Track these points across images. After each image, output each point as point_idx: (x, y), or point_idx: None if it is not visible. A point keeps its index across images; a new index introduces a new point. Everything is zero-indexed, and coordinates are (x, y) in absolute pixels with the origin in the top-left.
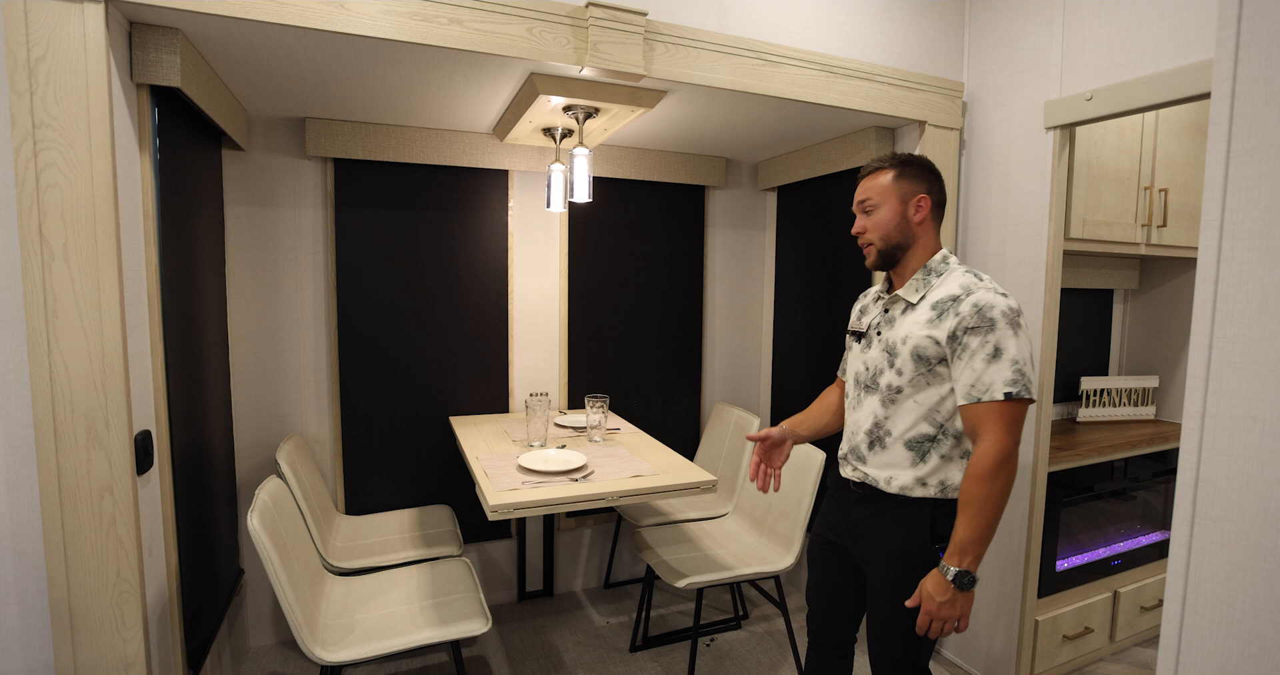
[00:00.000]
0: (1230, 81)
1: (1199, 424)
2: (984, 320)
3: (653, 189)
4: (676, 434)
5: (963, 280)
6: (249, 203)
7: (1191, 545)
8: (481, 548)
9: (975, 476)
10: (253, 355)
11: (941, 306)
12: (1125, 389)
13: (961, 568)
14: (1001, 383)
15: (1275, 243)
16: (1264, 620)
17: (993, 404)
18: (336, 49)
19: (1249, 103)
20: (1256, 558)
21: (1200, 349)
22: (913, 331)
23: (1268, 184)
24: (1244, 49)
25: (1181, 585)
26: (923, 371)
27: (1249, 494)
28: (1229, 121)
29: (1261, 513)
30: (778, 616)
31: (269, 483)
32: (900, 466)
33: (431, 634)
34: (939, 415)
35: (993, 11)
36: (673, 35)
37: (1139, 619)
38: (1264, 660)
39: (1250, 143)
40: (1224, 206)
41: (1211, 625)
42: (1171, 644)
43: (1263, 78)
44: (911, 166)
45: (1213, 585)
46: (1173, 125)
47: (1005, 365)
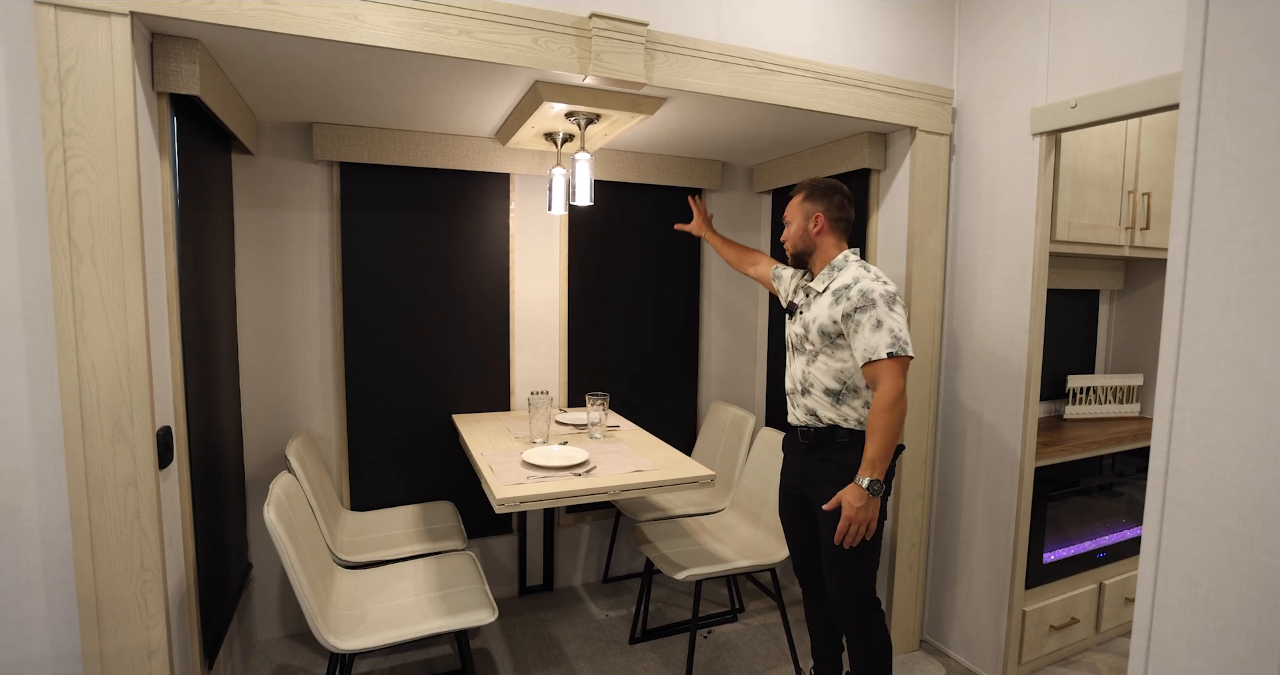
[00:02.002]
0: (1196, 98)
1: (1169, 417)
2: (867, 301)
3: (650, 192)
4: (673, 431)
5: (855, 273)
6: (258, 206)
7: (1162, 529)
8: (483, 543)
9: (878, 410)
10: (261, 354)
11: (838, 294)
12: (1111, 387)
13: (873, 478)
14: (884, 346)
15: (1237, 247)
16: (1227, 597)
17: (881, 361)
18: (348, 58)
19: (1213, 117)
20: (1220, 539)
21: (1170, 347)
22: (819, 314)
23: (1230, 193)
24: (1209, 69)
25: (1153, 567)
26: (827, 343)
27: (1214, 480)
28: (1195, 135)
29: (1225, 497)
30: (772, 610)
31: (281, 478)
32: (824, 405)
33: (440, 623)
34: (842, 375)
35: (981, 21)
36: (672, 45)
37: (1123, 610)
38: (1228, 635)
39: (1214, 154)
40: (1191, 214)
41: (1180, 603)
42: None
43: (1225, 95)
44: (816, 191)
45: (1181, 566)
46: (1155, 131)
47: (885, 333)
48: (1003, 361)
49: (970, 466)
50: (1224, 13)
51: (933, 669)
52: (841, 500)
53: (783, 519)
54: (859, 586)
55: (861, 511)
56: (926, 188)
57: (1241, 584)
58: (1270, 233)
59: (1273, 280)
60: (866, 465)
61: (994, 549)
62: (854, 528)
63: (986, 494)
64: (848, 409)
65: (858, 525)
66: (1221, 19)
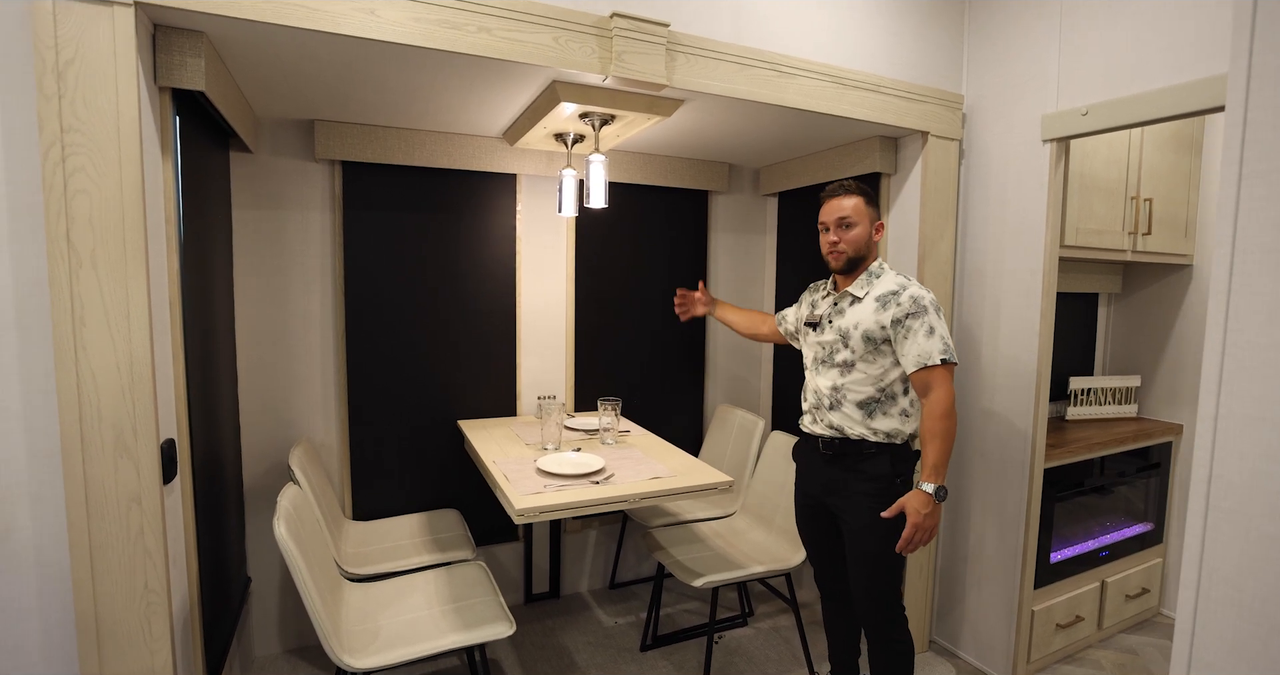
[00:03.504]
0: (1242, 109)
1: (1212, 425)
2: (919, 308)
3: (657, 193)
4: (680, 435)
5: (898, 280)
6: (257, 206)
7: (1205, 536)
8: (488, 551)
9: (936, 416)
10: (260, 359)
11: (884, 300)
12: (1110, 388)
13: (939, 484)
14: (938, 352)
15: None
16: (1273, 603)
17: (935, 368)
18: (361, 54)
19: (1260, 129)
20: (1266, 546)
21: (1214, 355)
22: (862, 319)
23: (1275, 205)
24: (1254, 80)
25: (1196, 573)
26: (870, 350)
27: (1258, 488)
28: (1240, 146)
29: (1271, 505)
30: (783, 613)
31: (289, 490)
32: (854, 421)
33: (457, 638)
34: (881, 382)
35: (991, 27)
36: (693, 46)
37: (1124, 607)
38: (1272, 642)
39: (1260, 166)
40: (1235, 224)
41: (1223, 609)
42: (1186, 628)
43: (1273, 105)
44: (871, 196)
45: (1225, 572)
46: (1156, 138)
47: (938, 340)
48: (1013, 364)
49: (980, 468)
50: (1271, 24)
51: (943, 670)
52: (905, 507)
53: (800, 526)
54: (889, 592)
55: (928, 518)
56: (938, 192)
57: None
58: None
59: None
60: (930, 471)
61: (1004, 550)
62: (919, 534)
63: (996, 495)
64: (879, 421)
65: (923, 532)
66: (1268, 30)
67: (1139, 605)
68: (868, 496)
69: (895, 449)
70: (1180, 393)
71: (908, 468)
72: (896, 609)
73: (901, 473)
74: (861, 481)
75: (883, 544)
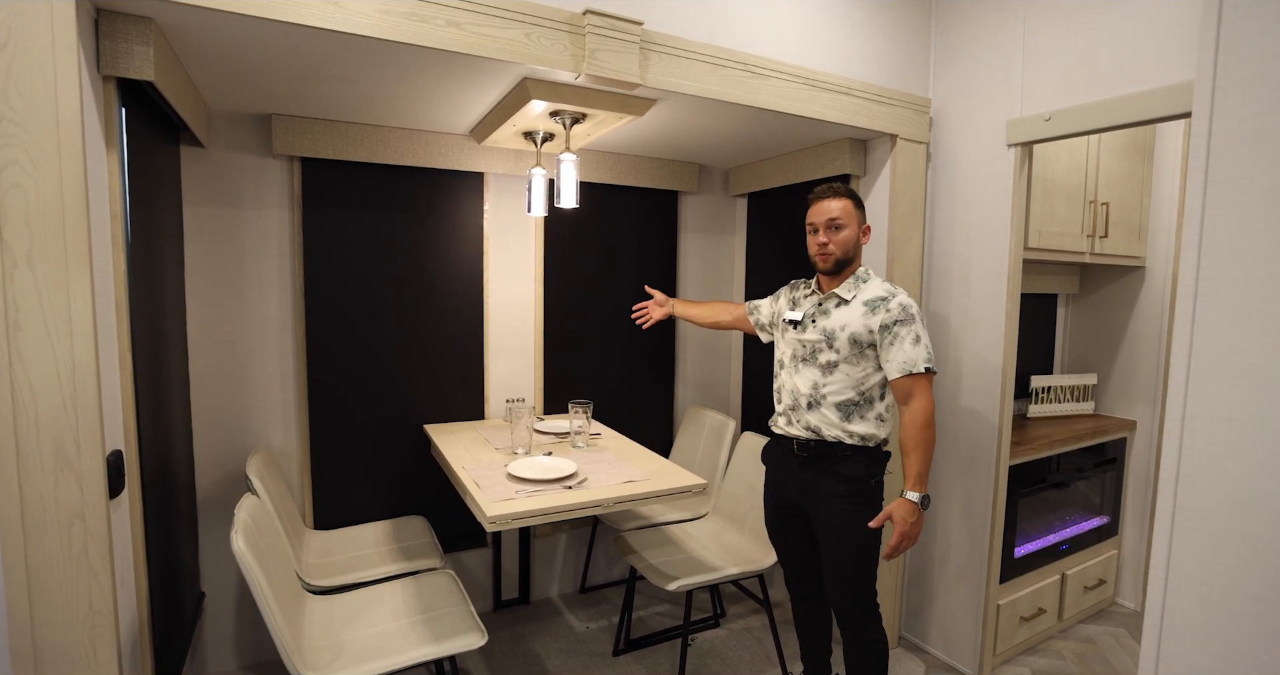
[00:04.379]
0: (1208, 120)
1: (1179, 426)
2: (908, 315)
3: (627, 193)
4: (650, 437)
5: (885, 286)
6: (209, 203)
7: (1173, 533)
8: (455, 558)
9: (919, 425)
10: (214, 364)
11: (873, 305)
12: (1069, 386)
13: (923, 493)
14: (922, 360)
15: (1244, 262)
16: (1238, 596)
17: (919, 376)
18: (323, 46)
19: (1224, 139)
20: (1231, 541)
21: (1181, 357)
22: (850, 321)
23: (1238, 211)
24: (1220, 91)
25: (1164, 570)
26: (855, 352)
27: (1223, 486)
28: (1206, 155)
29: (1235, 502)
30: (754, 613)
31: (246, 501)
32: (831, 422)
33: (427, 651)
34: (862, 386)
35: (956, 33)
36: (667, 45)
37: (1083, 598)
38: (1236, 632)
39: (1225, 174)
40: (1201, 230)
41: (1189, 603)
42: (1155, 622)
43: (1236, 116)
44: (859, 200)
45: (1192, 567)
46: (1111, 145)
47: (923, 348)
48: (979, 364)
49: (947, 466)
50: (1234, 40)
51: (912, 666)
52: (893, 516)
53: (771, 529)
54: (864, 591)
55: (914, 526)
56: (906, 195)
57: (1253, 583)
58: (1275, 248)
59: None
60: (914, 480)
61: (971, 546)
62: (905, 542)
63: (964, 493)
64: (855, 424)
65: (909, 540)
66: (1232, 46)
67: (1096, 596)
68: (843, 498)
69: (870, 451)
70: (1134, 390)
71: (881, 469)
72: (872, 607)
73: (875, 474)
74: (837, 483)
75: (858, 544)
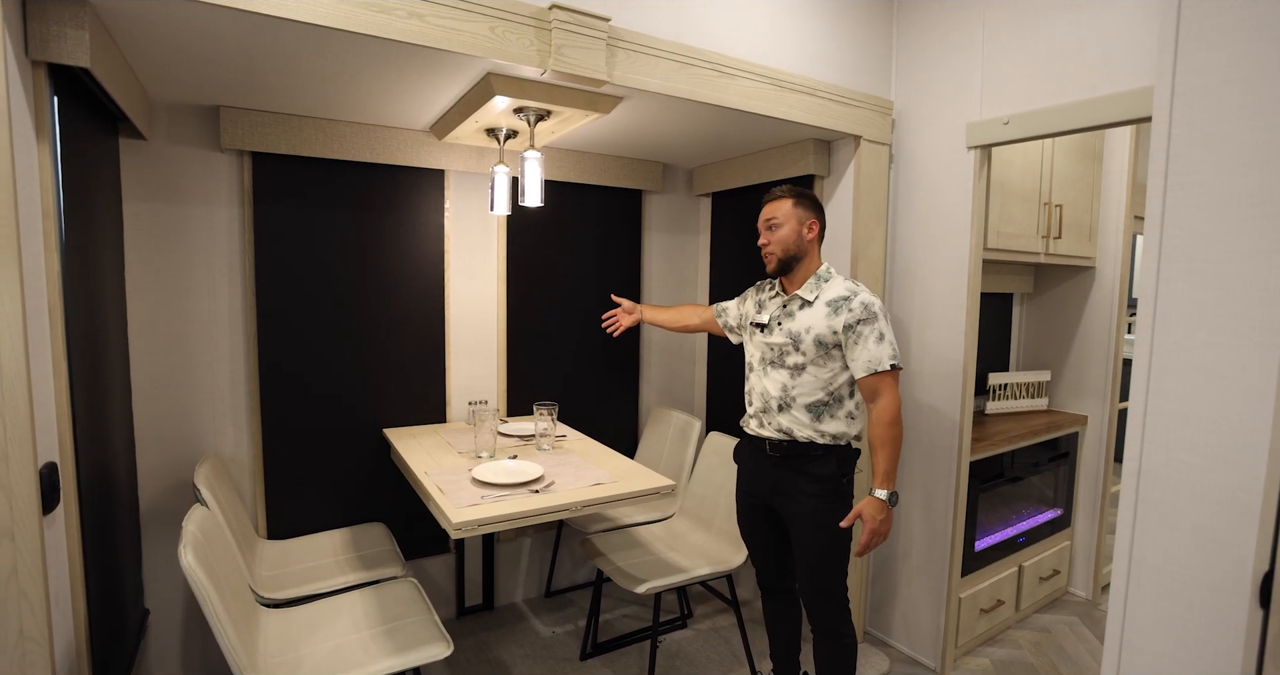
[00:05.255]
0: (1167, 125)
1: (1141, 421)
2: (870, 314)
3: (591, 192)
4: (615, 437)
5: (847, 285)
6: (152, 199)
7: (1135, 526)
8: (417, 565)
9: (886, 423)
10: (158, 369)
11: (835, 305)
12: (1024, 383)
13: (891, 490)
14: (887, 358)
15: (1200, 264)
16: (1195, 585)
17: (884, 374)
18: (276, 35)
19: (1182, 144)
20: (1188, 533)
21: (1143, 356)
22: (814, 323)
23: (1195, 214)
24: (1179, 97)
25: (1126, 561)
26: (821, 354)
27: (1182, 479)
28: (1165, 160)
29: (1192, 495)
30: (722, 613)
31: (195, 512)
32: (803, 423)
33: (390, 663)
34: (831, 386)
35: (917, 37)
36: (634, 42)
37: (1039, 588)
38: (1193, 620)
39: (1183, 178)
40: (1161, 233)
41: (1150, 594)
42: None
43: (1192, 122)
44: (805, 198)
45: (1153, 559)
46: (1064, 148)
47: (887, 346)
48: (940, 362)
49: (910, 463)
50: (1191, 49)
51: (877, 660)
52: (862, 514)
53: (744, 527)
54: (835, 588)
55: (884, 524)
56: (869, 195)
57: (1207, 572)
58: (1231, 251)
59: (1235, 295)
60: (882, 478)
61: (933, 541)
62: (875, 539)
63: (926, 488)
64: (826, 424)
65: (879, 537)
66: (1189, 55)
67: (1050, 586)
68: (815, 497)
69: (841, 450)
70: (1085, 386)
71: (851, 467)
72: (842, 604)
73: (846, 473)
74: (809, 483)
75: (829, 542)
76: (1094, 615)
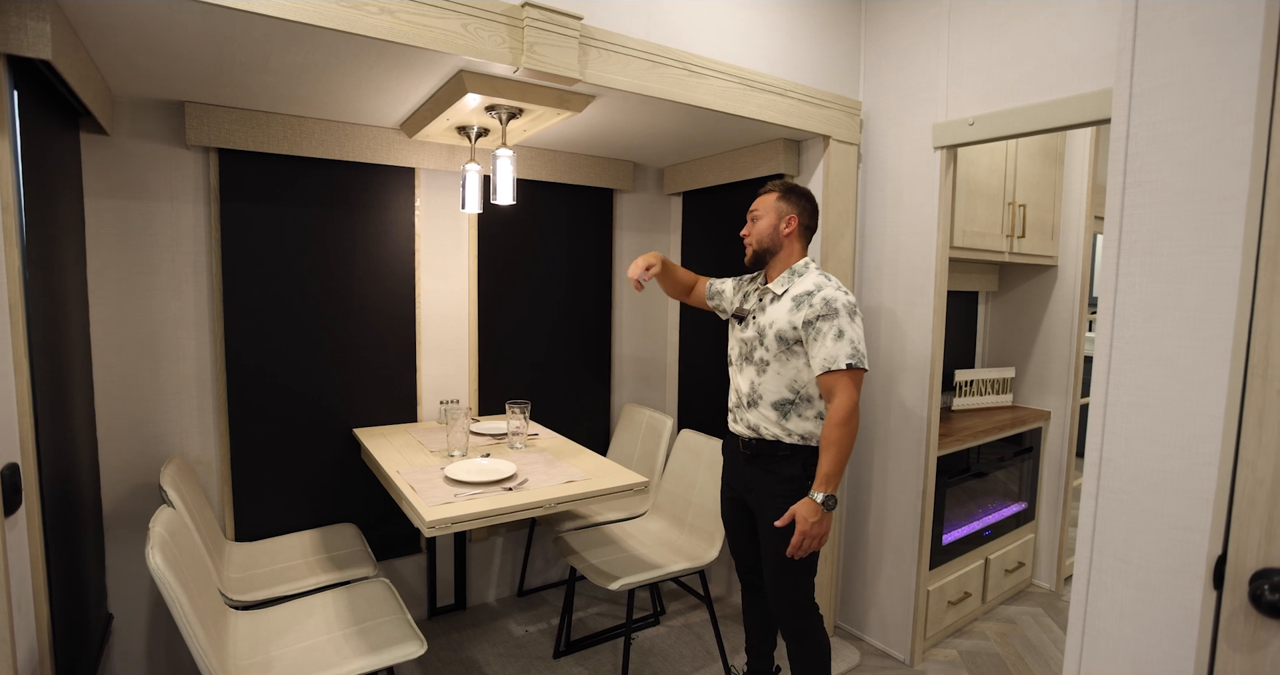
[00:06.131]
0: (1125, 125)
1: (1102, 412)
2: (830, 309)
3: (562, 191)
4: (587, 435)
5: (815, 280)
6: (115, 195)
7: (1096, 514)
8: (388, 565)
9: (833, 424)
10: (122, 369)
11: (799, 300)
12: (989, 379)
13: (827, 493)
14: (844, 356)
15: (1156, 259)
16: (1153, 570)
17: (840, 372)
18: (244, 30)
19: (1139, 143)
20: (1146, 519)
21: (1103, 348)
22: (777, 318)
23: (1153, 211)
24: (1136, 98)
25: (1089, 548)
26: (783, 350)
27: (1141, 468)
28: (1124, 158)
29: (1150, 483)
30: (694, 609)
31: (162, 514)
32: (770, 421)
33: (363, 663)
34: (796, 384)
35: (884, 38)
36: (607, 41)
37: (1004, 580)
38: (1152, 603)
39: (1141, 176)
40: (1121, 229)
41: (1112, 579)
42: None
43: (1150, 122)
44: (792, 193)
45: (1114, 546)
46: (1028, 149)
47: (846, 343)
48: (909, 359)
49: (879, 459)
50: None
51: (848, 653)
52: (795, 515)
53: (725, 519)
54: (799, 594)
55: (816, 526)
56: (839, 194)
57: (1164, 557)
58: (1185, 246)
59: (1189, 289)
60: (821, 480)
61: (902, 535)
62: (807, 542)
63: (894, 484)
64: (794, 422)
65: (811, 539)
66: (1145, 58)
67: (1015, 578)
68: (780, 497)
69: (809, 451)
70: (1048, 382)
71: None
72: (809, 606)
73: (812, 475)
74: (776, 483)
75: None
76: (1057, 606)
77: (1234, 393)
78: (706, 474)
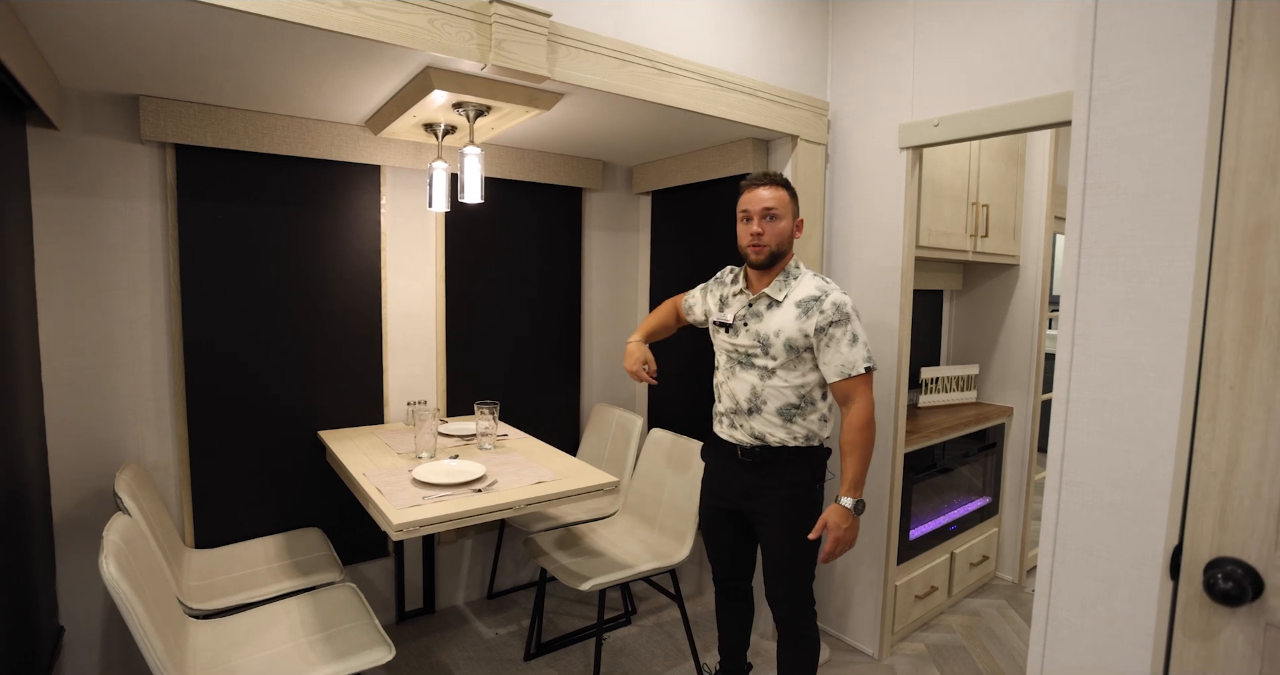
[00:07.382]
0: (1085, 128)
1: (1064, 408)
2: (842, 315)
3: (531, 190)
4: (557, 435)
5: (818, 283)
6: (64, 192)
7: (1059, 507)
8: (355, 570)
9: (857, 428)
10: (71, 371)
11: (805, 305)
12: (954, 376)
13: (857, 498)
14: (861, 360)
15: (1116, 259)
16: (1114, 562)
17: (858, 377)
18: (202, 22)
19: (1099, 145)
20: (1107, 512)
21: (1065, 346)
22: (784, 326)
23: (1112, 212)
24: (1096, 101)
25: (1052, 542)
26: (792, 357)
27: (1101, 462)
28: (1084, 161)
29: (1111, 477)
30: (665, 609)
31: (116, 521)
32: (776, 426)
33: (330, 670)
34: (802, 389)
35: (851, 39)
36: (576, 39)
37: (969, 574)
38: (1113, 594)
39: (1101, 178)
40: (1081, 229)
41: (1074, 571)
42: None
43: (1109, 126)
44: (794, 191)
45: (1077, 539)
46: (990, 151)
47: (861, 347)
48: (876, 357)
49: None
50: (1105, 57)
51: None
52: (827, 523)
53: (707, 528)
54: (805, 592)
55: (848, 531)
56: (807, 194)
57: (1124, 548)
58: (1144, 246)
59: (1147, 287)
60: (849, 485)
61: (871, 531)
62: (840, 548)
63: None
64: (799, 426)
65: (844, 545)
66: (1104, 63)
67: (980, 571)
68: (787, 501)
69: (813, 451)
70: (1010, 378)
71: (823, 470)
72: (809, 606)
73: (819, 476)
74: (782, 486)
75: (799, 546)
76: (1020, 598)
77: (1189, 388)
78: (677, 473)
